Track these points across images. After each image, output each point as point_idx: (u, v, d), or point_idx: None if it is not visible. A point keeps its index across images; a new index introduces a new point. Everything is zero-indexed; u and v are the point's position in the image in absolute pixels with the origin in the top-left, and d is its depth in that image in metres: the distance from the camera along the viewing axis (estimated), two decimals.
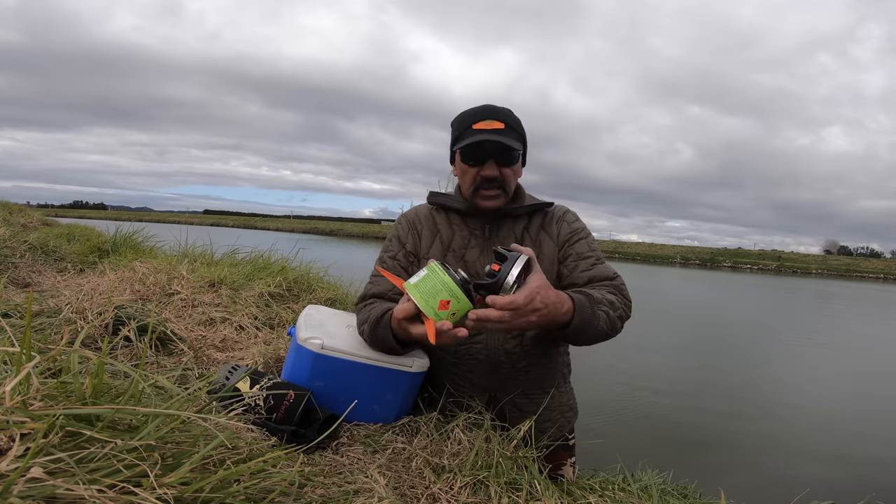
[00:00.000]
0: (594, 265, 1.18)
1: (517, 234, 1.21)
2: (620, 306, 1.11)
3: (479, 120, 1.15)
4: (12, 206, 6.98)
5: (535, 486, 0.94)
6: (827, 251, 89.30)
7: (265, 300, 2.18)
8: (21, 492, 0.45)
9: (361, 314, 1.17)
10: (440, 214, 1.26)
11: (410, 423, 1.12)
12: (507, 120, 1.16)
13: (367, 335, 1.11)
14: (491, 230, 1.21)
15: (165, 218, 67.38)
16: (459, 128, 1.18)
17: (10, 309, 1.38)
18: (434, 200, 1.28)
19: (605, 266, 1.19)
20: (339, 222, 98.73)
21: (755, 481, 3.42)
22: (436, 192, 1.29)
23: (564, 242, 1.22)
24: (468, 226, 1.23)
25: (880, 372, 7.12)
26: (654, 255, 52.53)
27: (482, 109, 1.17)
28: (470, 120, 1.16)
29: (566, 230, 1.23)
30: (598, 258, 1.20)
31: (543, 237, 1.22)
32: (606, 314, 1.05)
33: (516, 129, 1.17)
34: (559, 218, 1.25)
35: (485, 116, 1.15)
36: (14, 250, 2.80)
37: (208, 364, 1.44)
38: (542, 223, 1.24)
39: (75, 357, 0.68)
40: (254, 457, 0.69)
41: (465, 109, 1.20)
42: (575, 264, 1.18)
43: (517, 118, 1.19)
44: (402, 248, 1.25)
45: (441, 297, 0.86)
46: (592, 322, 1.02)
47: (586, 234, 1.24)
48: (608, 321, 1.06)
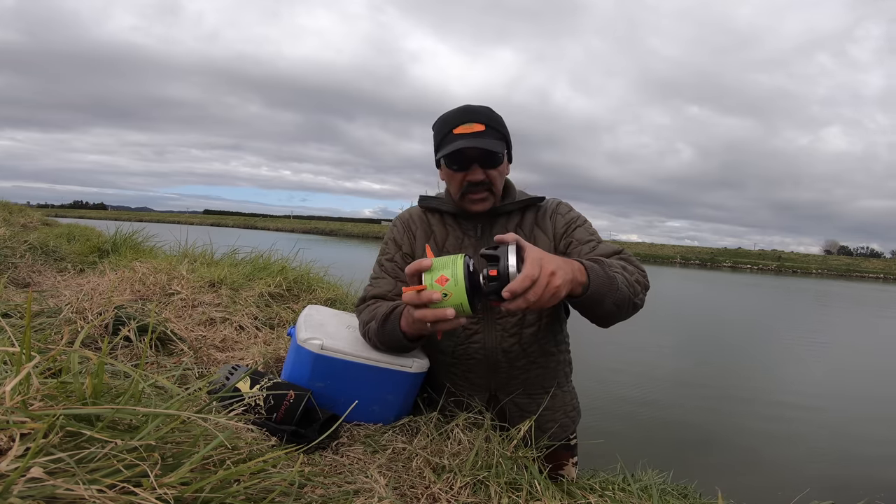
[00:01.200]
0: (596, 247, 1.17)
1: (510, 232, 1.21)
2: (634, 270, 1.09)
3: (459, 124, 1.13)
4: (12, 206, 6.98)
5: (535, 486, 0.94)
6: (827, 251, 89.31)
7: (265, 300, 2.18)
8: (21, 492, 0.45)
9: (366, 313, 1.17)
10: (434, 215, 1.27)
11: (410, 423, 1.12)
12: (486, 121, 1.14)
13: (373, 332, 1.11)
14: (483, 230, 1.21)
15: (165, 218, 67.40)
16: (440, 134, 1.16)
17: (10, 309, 1.38)
18: (425, 205, 1.28)
19: (608, 244, 1.18)
20: (339, 222, 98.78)
21: (755, 481, 3.42)
22: (426, 196, 1.29)
23: (561, 234, 1.21)
24: (461, 226, 1.23)
25: (880, 372, 7.13)
26: (654, 255, 52.55)
27: (461, 112, 1.15)
28: (450, 125, 1.14)
29: (561, 222, 1.22)
30: (599, 240, 1.20)
31: (538, 233, 1.22)
32: (623, 276, 1.02)
33: (497, 128, 1.15)
34: (552, 211, 1.24)
35: (464, 119, 1.13)
36: (14, 250, 2.80)
37: (208, 364, 1.44)
38: (535, 219, 1.23)
39: (75, 357, 0.68)
40: (254, 457, 0.69)
41: (444, 112, 1.18)
42: (578, 250, 1.17)
43: (497, 116, 1.17)
44: (398, 251, 1.25)
45: (443, 272, 0.86)
46: (610, 283, 0.98)
47: (582, 222, 1.23)
48: (627, 283, 1.02)
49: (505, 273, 0.85)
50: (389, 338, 1.08)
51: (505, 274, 0.85)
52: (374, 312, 1.14)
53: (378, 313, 1.12)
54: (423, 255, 1.21)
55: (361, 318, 1.19)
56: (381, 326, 1.09)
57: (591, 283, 0.96)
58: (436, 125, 1.20)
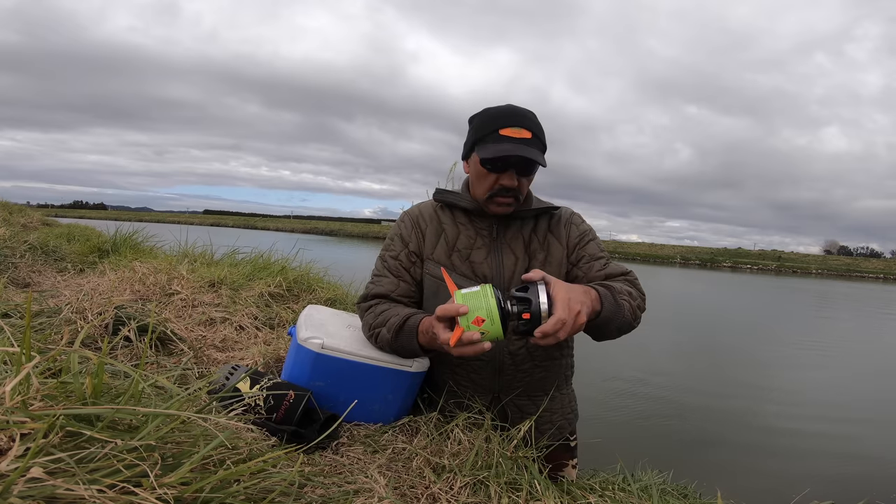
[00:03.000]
0: (607, 264, 1.21)
1: (525, 237, 1.21)
2: (638, 296, 1.14)
3: (507, 125, 1.09)
4: (12, 206, 6.98)
5: (535, 486, 0.94)
6: (827, 251, 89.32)
7: (265, 300, 2.18)
8: (21, 492, 0.45)
9: (370, 316, 1.15)
10: (445, 213, 1.24)
11: (410, 423, 1.12)
12: (533, 128, 1.11)
13: (384, 340, 1.10)
14: (499, 231, 1.20)
15: (165, 218, 67.40)
16: (484, 129, 1.12)
17: (10, 309, 1.38)
18: (441, 198, 1.24)
19: (617, 264, 1.23)
20: (339, 222, 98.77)
21: (755, 481, 3.42)
22: (443, 189, 1.26)
23: (575, 245, 1.23)
24: (474, 225, 1.21)
25: (881, 372, 7.12)
26: (654, 255, 52.52)
27: (510, 112, 1.12)
28: (497, 123, 1.10)
29: (575, 233, 1.24)
30: (608, 258, 1.24)
31: (551, 240, 1.22)
32: (629, 303, 1.08)
33: (541, 138, 1.14)
34: (567, 220, 1.26)
35: (513, 122, 1.10)
36: (14, 250, 2.80)
37: (208, 364, 1.44)
38: (548, 226, 1.24)
39: (75, 357, 0.68)
40: (254, 457, 0.69)
41: (490, 108, 1.15)
42: (589, 265, 1.20)
43: (541, 125, 1.16)
44: (404, 248, 1.22)
45: (479, 314, 0.90)
46: (618, 311, 1.04)
47: (594, 236, 1.27)
48: (631, 310, 1.08)
49: (538, 316, 0.91)
50: (403, 349, 1.09)
51: (538, 317, 0.91)
52: (383, 319, 1.11)
53: (389, 323, 1.09)
54: (431, 253, 1.20)
55: (366, 320, 1.17)
56: (394, 338, 1.08)
57: (602, 311, 1.02)
58: (479, 118, 1.16)
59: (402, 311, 1.12)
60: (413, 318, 1.08)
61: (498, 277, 1.16)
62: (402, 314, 1.10)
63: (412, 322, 1.07)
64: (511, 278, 1.17)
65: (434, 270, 1.19)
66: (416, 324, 1.06)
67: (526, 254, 1.19)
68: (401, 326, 1.08)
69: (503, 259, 1.18)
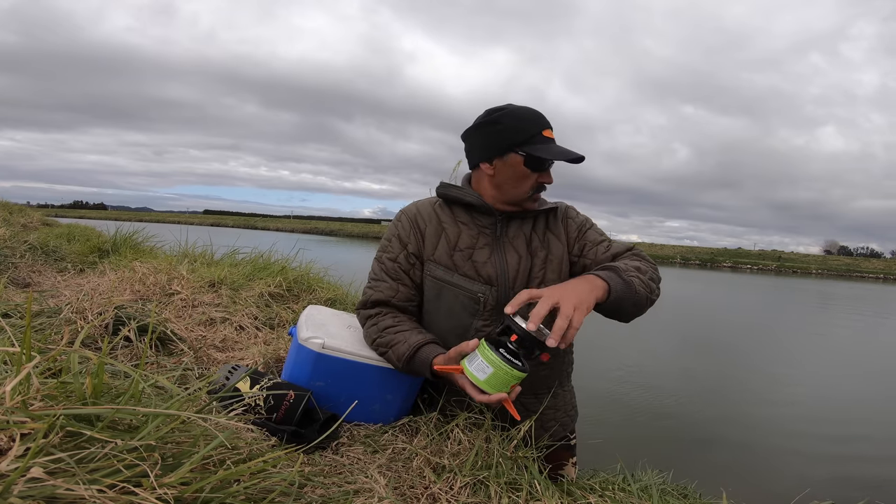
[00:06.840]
0: (610, 246, 1.22)
1: (526, 235, 1.20)
2: (648, 269, 1.14)
3: (547, 127, 1.14)
4: (12, 206, 6.99)
5: (535, 486, 0.94)
6: (827, 251, 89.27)
7: (265, 300, 2.18)
8: (21, 492, 0.45)
9: (372, 330, 1.14)
10: (444, 211, 1.21)
11: (410, 423, 1.12)
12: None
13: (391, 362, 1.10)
14: (501, 229, 1.19)
15: (165, 218, 67.41)
16: (527, 132, 1.11)
17: (10, 309, 1.38)
18: (445, 193, 1.21)
19: (620, 242, 1.24)
20: (339, 222, 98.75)
21: (755, 481, 3.42)
22: (447, 183, 1.23)
23: (574, 238, 1.24)
24: (476, 223, 1.19)
25: (881, 372, 7.12)
26: (654, 256, 52.00)
27: (540, 114, 1.15)
28: (539, 125, 1.13)
29: (573, 226, 1.25)
30: (610, 239, 1.25)
31: (551, 238, 1.22)
32: (638, 278, 1.08)
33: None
34: (563, 216, 1.26)
35: (547, 124, 1.15)
36: (14, 250, 2.80)
37: (208, 364, 1.44)
38: (546, 223, 1.24)
39: (75, 357, 0.68)
40: (254, 457, 0.69)
41: (514, 108, 1.15)
42: (594, 249, 1.21)
43: None
44: (403, 250, 1.19)
45: (512, 384, 0.94)
46: (628, 289, 1.04)
47: (591, 224, 1.28)
48: (643, 284, 1.08)
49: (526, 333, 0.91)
50: (413, 373, 1.09)
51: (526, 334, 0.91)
52: (388, 341, 1.10)
53: (397, 351, 1.08)
54: (432, 254, 1.17)
55: (367, 332, 1.15)
56: (405, 366, 1.07)
57: (611, 293, 1.02)
58: (510, 120, 1.13)
59: (407, 335, 1.09)
60: (423, 353, 1.06)
61: (502, 277, 1.15)
62: (410, 343, 1.07)
63: (423, 357, 1.05)
64: (515, 277, 1.16)
65: (435, 272, 1.17)
66: (429, 361, 1.04)
67: (528, 252, 1.18)
68: (411, 357, 1.06)
69: (507, 258, 1.17)
